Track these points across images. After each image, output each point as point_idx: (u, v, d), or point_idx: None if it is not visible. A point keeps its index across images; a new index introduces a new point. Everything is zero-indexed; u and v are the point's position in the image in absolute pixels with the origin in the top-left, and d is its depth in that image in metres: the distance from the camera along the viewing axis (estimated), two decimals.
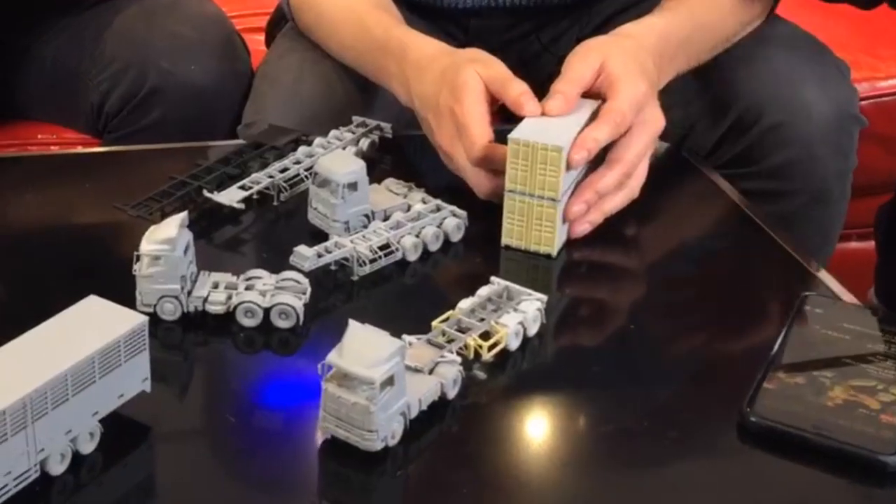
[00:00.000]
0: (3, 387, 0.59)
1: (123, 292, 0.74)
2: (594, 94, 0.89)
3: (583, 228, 0.87)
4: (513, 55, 1.27)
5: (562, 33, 1.26)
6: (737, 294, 0.84)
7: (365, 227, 0.85)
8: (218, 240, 0.88)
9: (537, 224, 0.84)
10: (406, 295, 0.82)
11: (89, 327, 0.65)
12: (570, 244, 0.87)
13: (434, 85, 0.91)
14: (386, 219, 0.86)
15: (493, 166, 0.86)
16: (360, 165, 0.85)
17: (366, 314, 0.79)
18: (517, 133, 0.83)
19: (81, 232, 0.90)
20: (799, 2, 1.13)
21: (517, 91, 0.88)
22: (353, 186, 0.84)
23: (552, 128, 0.84)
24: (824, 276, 0.84)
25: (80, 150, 1.18)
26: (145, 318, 0.66)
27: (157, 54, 1.12)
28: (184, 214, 0.77)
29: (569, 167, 0.83)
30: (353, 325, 0.65)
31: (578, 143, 0.84)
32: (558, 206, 0.83)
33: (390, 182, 0.91)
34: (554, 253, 0.85)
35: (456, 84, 0.88)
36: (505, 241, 0.86)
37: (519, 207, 0.84)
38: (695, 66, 1.02)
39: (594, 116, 0.87)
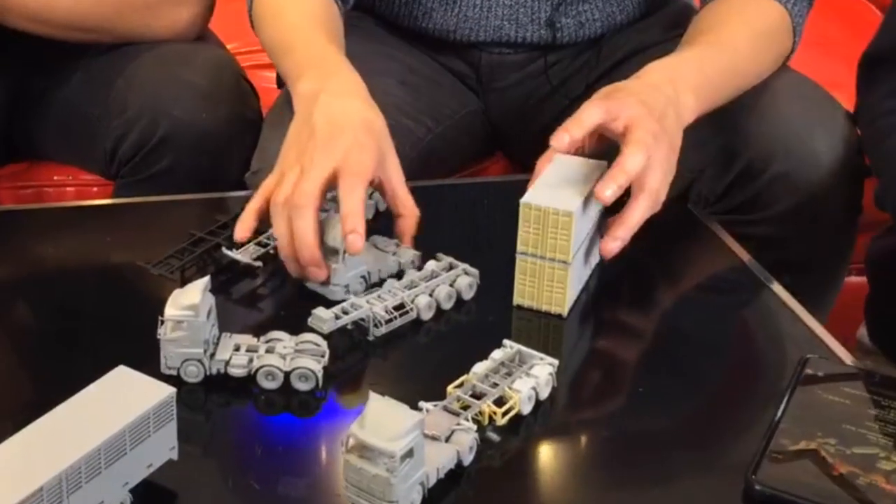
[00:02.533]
0: (40, 462, 0.62)
1: (147, 349, 0.78)
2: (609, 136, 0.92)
3: (614, 246, 0.89)
4: (522, 94, 1.30)
5: (571, 75, 1.28)
6: (741, 354, 0.86)
7: (364, 287, 0.88)
8: (236, 295, 0.91)
9: (548, 285, 0.86)
10: (421, 355, 0.85)
11: (120, 400, 0.67)
12: (576, 302, 0.89)
13: (340, 122, 0.90)
14: (381, 279, 0.89)
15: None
16: None
17: (382, 376, 0.82)
18: (529, 197, 0.85)
19: (105, 288, 0.93)
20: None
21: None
22: None
23: (562, 191, 0.86)
24: (825, 335, 0.86)
25: (98, 201, 1.20)
26: (173, 391, 0.69)
27: (169, 103, 1.14)
28: (206, 280, 0.80)
29: (605, 256, 0.88)
30: (374, 398, 0.67)
31: (618, 227, 0.87)
32: (570, 269, 0.85)
33: (377, 239, 0.93)
34: (565, 313, 0.87)
35: (362, 143, 0.88)
36: (517, 300, 0.88)
37: (531, 269, 0.86)
38: (722, 105, 1.03)
39: (601, 177, 0.89)
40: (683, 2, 1.32)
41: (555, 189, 0.86)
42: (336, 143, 0.88)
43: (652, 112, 0.91)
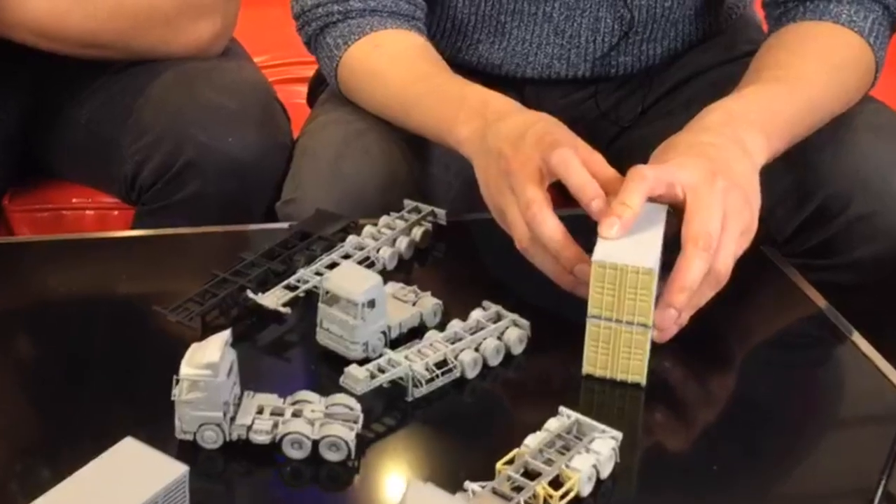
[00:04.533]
0: None
1: (162, 408, 0.70)
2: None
3: (670, 333, 0.79)
4: (568, 119, 1.20)
5: (622, 100, 1.19)
6: (827, 421, 0.77)
7: (384, 344, 0.79)
8: (261, 345, 0.83)
9: (625, 352, 0.76)
10: (465, 419, 0.76)
11: (127, 478, 0.60)
12: None
13: (520, 125, 0.86)
14: (401, 334, 0.81)
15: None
16: (378, 281, 0.79)
17: (422, 444, 0.74)
18: (601, 255, 0.75)
19: (117, 336, 0.84)
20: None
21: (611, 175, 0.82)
22: (371, 304, 0.78)
23: (634, 244, 0.76)
24: None
25: (112, 233, 1.12)
26: (185, 469, 0.61)
27: (193, 125, 1.06)
28: (227, 334, 0.71)
29: (658, 341, 0.78)
30: (414, 486, 0.59)
31: (687, 312, 0.78)
32: (650, 332, 0.76)
33: (394, 288, 0.84)
34: (644, 382, 0.77)
35: (548, 129, 0.85)
36: (587, 369, 0.78)
37: (604, 334, 0.76)
38: (796, 142, 0.93)
39: (668, 221, 0.80)
40: (748, 20, 1.22)
41: (624, 242, 0.76)
42: (522, 149, 0.84)
43: (713, 165, 0.80)
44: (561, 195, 1.25)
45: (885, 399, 0.79)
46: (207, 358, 0.69)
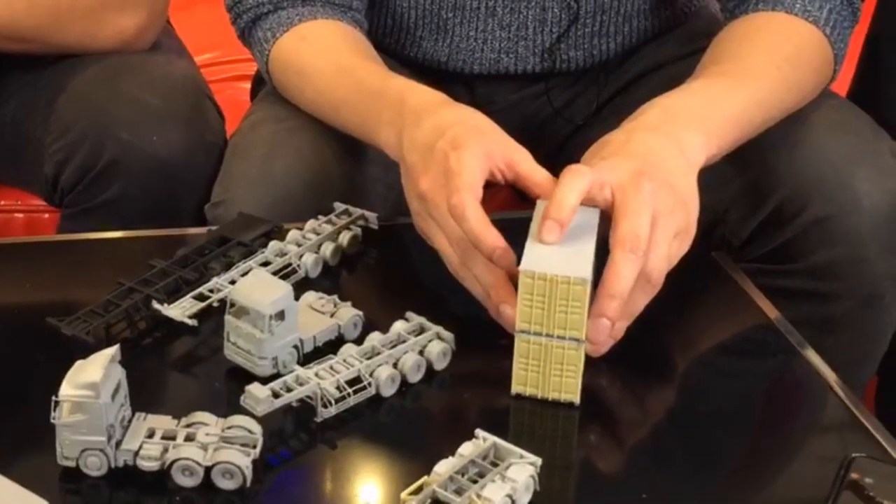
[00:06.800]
0: None
1: (47, 431, 0.64)
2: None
3: (605, 347, 0.72)
4: (522, 116, 1.15)
5: (576, 96, 1.13)
6: (773, 440, 0.71)
7: (296, 359, 0.73)
8: (167, 358, 0.77)
9: (557, 368, 0.70)
10: (378, 444, 0.70)
11: None
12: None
13: (432, 132, 0.79)
14: (316, 348, 0.75)
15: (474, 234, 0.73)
16: (287, 290, 0.73)
17: (327, 471, 0.68)
18: (529, 264, 0.69)
19: (10, 350, 0.78)
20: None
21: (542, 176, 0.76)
22: (280, 316, 0.72)
23: (564, 253, 0.70)
24: (872, 422, 0.70)
25: (18, 239, 1.07)
26: None
27: (116, 123, 1.00)
28: (114, 350, 0.65)
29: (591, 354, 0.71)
30: None
31: (622, 322, 0.72)
32: (583, 347, 0.70)
33: (311, 298, 0.78)
34: (577, 401, 0.71)
35: (458, 140, 0.77)
36: (516, 388, 0.72)
37: (534, 350, 0.70)
38: (744, 141, 0.87)
39: (600, 226, 0.74)
40: (707, 12, 1.16)
41: (554, 250, 0.70)
42: (430, 168, 0.77)
43: (642, 165, 0.74)
44: (514, 195, 1.19)
45: (834, 415, 0.73)
46: (88, 377, 0.63)
